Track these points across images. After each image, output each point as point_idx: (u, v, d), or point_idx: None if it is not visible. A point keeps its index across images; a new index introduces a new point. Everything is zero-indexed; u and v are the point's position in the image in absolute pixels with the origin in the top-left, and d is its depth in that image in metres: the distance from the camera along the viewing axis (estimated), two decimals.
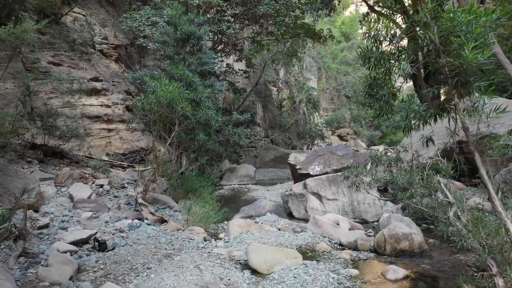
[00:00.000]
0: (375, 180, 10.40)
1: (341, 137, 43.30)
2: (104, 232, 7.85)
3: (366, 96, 6.04)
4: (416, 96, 11.93)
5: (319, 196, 11.90)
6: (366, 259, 6.95)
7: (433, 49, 5.39)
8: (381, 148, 21.86)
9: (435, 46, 5.32)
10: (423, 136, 13.00)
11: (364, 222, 11.18)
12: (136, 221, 8.78)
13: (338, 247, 7.95)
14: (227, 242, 7.74)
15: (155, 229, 8.40)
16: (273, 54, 29.50)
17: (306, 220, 11.53)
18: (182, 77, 12.06)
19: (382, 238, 7.26)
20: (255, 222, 10.29)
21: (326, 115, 43.47)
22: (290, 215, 12.18)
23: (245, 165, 23.30)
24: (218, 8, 22.78)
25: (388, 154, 14.12)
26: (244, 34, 27.34)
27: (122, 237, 7.57)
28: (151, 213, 9.15)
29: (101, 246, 6.81)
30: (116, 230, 8.06)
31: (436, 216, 9.41)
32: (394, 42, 5.58)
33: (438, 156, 11.38)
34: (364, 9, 44.88)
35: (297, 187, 12.48)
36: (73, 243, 6.69)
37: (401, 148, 13.30)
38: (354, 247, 7.74)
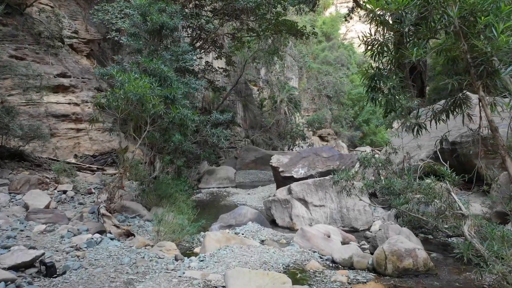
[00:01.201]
0: (367, 185, 9.50)
1: (322, 138, 42.72)
2: (57, 251, 6.62)
3: (368, 89, 5.04)
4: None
5: (305, 202, 10.92)
6: (366, 282, 5.92)
7: (452, 32, 4.43)
8: (368, 149, 21.11)
9: (454, 28, 4.36)
10: (415, 136, 12.06)
11: (354, 230, 10.28)
12: (97, 235, 7.55)
13: (331, 265, 6.92)
14: (203, 260, 6.62)
15: (119, 245, 7.20)
16: (254, 52, 28.48)
17: (291, 229, 10.58)
18: (155, 71, 10.88)
19: (382, 255, 6.28)
20: (235, 233, 9.24)
21: (307, 115, 42.71)
22: (273, 223, 11.19)
23: (225, 166, 22.33)
24: (196, 2, 21.66)
25: (376, 156, 13.29)
26: (224, 30, 26.24)
27: (78, 256, 6.36)
28: (115, 225, 7.95)
29: (49, 271, 5.60)
30: (71, 247, 6.83)
31: (435, 226, 8.57)
32: (403, 23, 4.59)
33: (440, 159, 10.54)
34: (344, 10, 44.34)
35: (281, 193, 11.47)
36: (13, 267, 5.45)
37: (391, 150, 12.48)
38: (350, 265, 6.73)
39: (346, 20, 20.82)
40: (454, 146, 12.31)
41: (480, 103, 4.42)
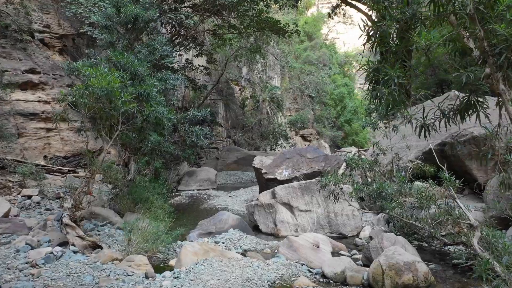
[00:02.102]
0: (357, 189, 8.89)
1: (304, 138, 42.35)
2: (9, 268, 5.75)
3: (370, 85, 4.37)
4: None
5: (290, 207, 10.24)
6: None
7: (466, 16, 3.80)
8: (353, 149, 20.64)
9: (470, 11, 3.73)
10: (403, 136, 11.48)
11: (342, 237, 9.65)
12: (58, 248, 6.67)
13: (322, 280, 6.22)
14: (177, 277, 5.84)
15: (82, 260, 6.35)
16: (236, 50, 27.71)
17: (275, 235, 9.90)
18: (126, 66, 10.01)
19: (379, 269, 5.63)
20: (215, 242, 8.51)
21: (289, 115, 42.19)
22: (256, 229, 10.49)
23: (206, 168, 21.61)
24: None
25: (363, 157, 12.71)
26: (205, 27, 25.41)
27: (32, 275, 5.51)
28: (79, 236, 7.09)
29: None
30: (27, 263, 5.98)
31: (431, 233, 7.99)
32: (410, 6, 3.94)
33: (428, 160, 10.01)
34: (326, 10, 43.96)
35: (265, 196, 10.76)
36: None
37: (379, 151, 11.95)
38: (342, 280, 6.05)
39: (330, 16, 20.28)
40: (443, 147, 11.86)
41: (500, 98, 3.81)
